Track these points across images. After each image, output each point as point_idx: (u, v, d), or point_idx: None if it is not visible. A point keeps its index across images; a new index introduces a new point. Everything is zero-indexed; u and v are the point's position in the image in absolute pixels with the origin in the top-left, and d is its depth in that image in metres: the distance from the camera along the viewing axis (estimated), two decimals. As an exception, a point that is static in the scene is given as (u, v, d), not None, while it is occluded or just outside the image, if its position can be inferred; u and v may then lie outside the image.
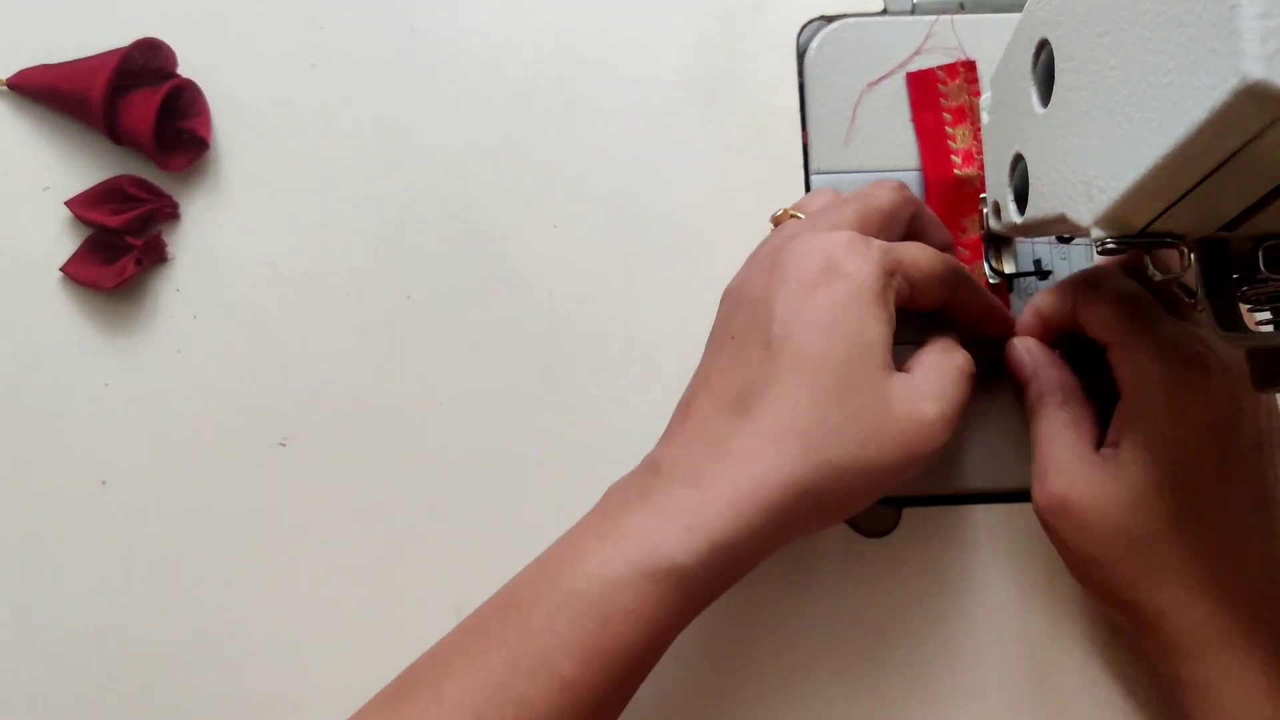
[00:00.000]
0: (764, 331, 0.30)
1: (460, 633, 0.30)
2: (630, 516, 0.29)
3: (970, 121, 0.39)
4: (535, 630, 0.28)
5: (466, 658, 0.28)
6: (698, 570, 0.28)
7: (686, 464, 0.29)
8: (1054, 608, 0.37)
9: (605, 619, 0.28)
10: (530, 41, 0.41)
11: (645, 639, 0.28)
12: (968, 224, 0.39)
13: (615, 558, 0.28)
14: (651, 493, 0.29)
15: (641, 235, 0.40)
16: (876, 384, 0.30)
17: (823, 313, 0.30)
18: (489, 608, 0.30)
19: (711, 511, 0.28)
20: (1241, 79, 0.18)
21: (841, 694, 0.37)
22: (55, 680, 0.37)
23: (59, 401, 0.39)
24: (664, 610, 0.28)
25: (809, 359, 0.29)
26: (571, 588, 0.28)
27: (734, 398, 0.30)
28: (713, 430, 0.30)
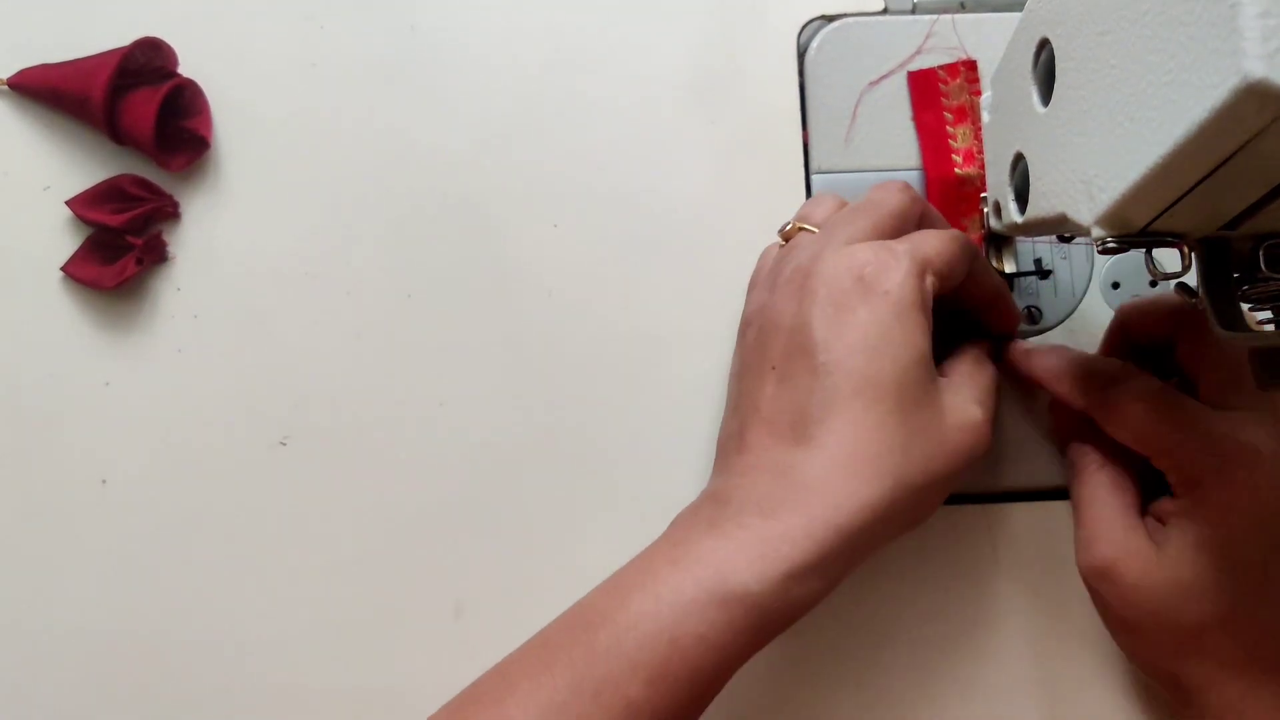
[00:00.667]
0: (809, 358, 0.30)
1: (527, 649, 0.30)
2: (701, 544, 0.29)
3: (971, 121, 0.39)
4: (602, 651, 0.28)
5: (531, 675, 0.28)
6: (770, 598, 0.28)
7: (756, 494, 0.29)
8: (1055, 607, 0.37)
9: (674, 642, 0.27)
10: (530, 41, 0.41)
11: (713, 664, 0.28)
12: (969, 224, 0.39)
13: (686, 582, 0.28)
14: (721, 522, 0.29)
15: (641, 235, 0.40)
16: (931, 396, 0.30)
17: (869, 334, 0.30)
18: (556, 626, 0.30)
19: (787, 542, 0.28)
20: (1242, 78, 0.18)
21: (841, 694, 0.37)
22: (55, 680, 0.37)
23: (59, 401, 0.39)
24: (733, 636, 0.28)
25: (865, 381, 0.29)
26: (640, 610, 0.28)
27: (792, 426, 0.30)
28: (777, 460, 0.30)
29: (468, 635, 0.34)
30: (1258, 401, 0.31)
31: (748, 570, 0.28)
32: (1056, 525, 0.38)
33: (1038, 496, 0.38)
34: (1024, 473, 0.38)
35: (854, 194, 0.39)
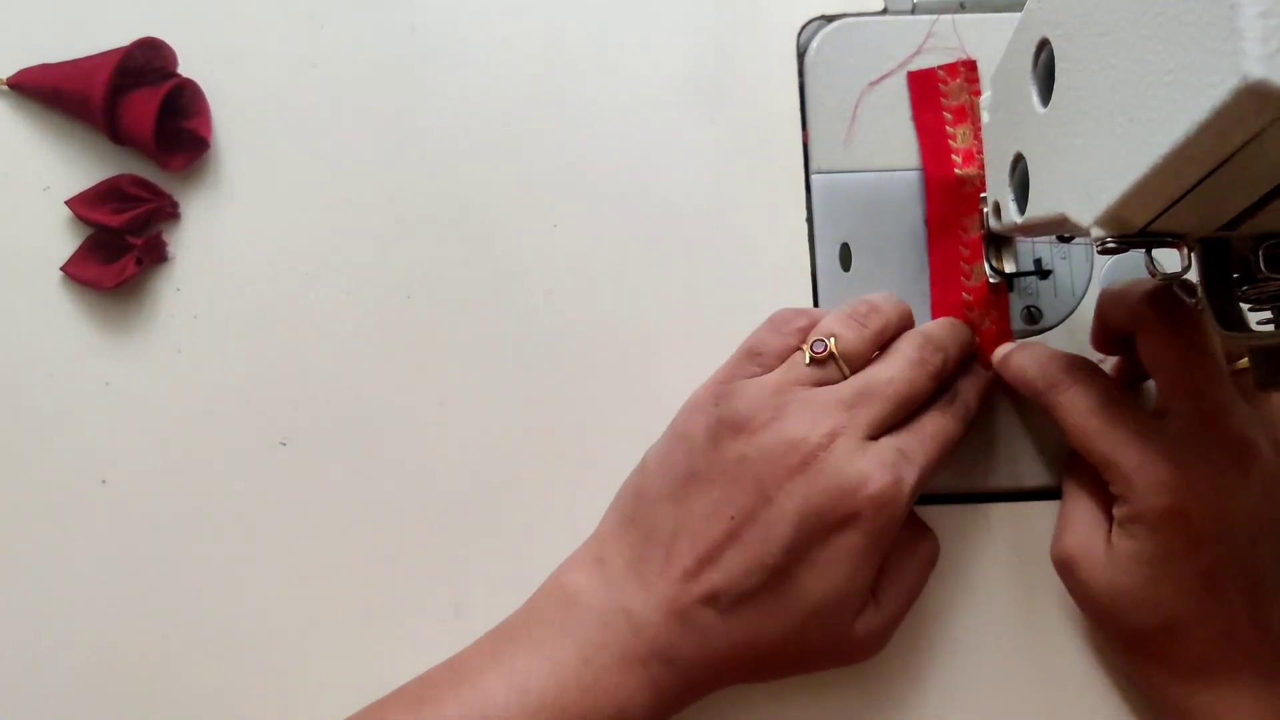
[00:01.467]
0: (767, 546, 0.31)
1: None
2: (609, 676, 0.31)
3: (971, 121, 0.39)
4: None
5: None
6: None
7: (663, 638, 0.32)
8: (1054, 607, 0.37)
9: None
10: (530, 41, 0.41)
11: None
12: (968, 223, 0.39)
13: (591, 715, 0.31)
14: (631, 660, 0.32)
15: (642, 235, 0.40)
16: (843, 628, 0.32)
17: (826, 561, 0.31)
18: (451, 707, 0.31)
19: (674, 687, 0.32)
20: (1242, 79, 0.18)
21: (841, 693, 0.37)
22: (55, 680, 0.37)
23: (59, 401, 0.39)
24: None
25: (794, 595, 0.31)
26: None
27: (716, 591, 0.31)
28: (691, 612, 0.32)
29: (468, 634, 0.34)
30: (1205, 406, 0.31)
31: (643, 714, 0.31)
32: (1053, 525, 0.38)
33: (1037, 497, 0.38)
34: (1023, 473, 0.38)
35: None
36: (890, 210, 0.40)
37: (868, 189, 0.40)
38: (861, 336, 0.34)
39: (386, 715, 0.31)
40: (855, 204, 0.40)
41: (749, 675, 0.33)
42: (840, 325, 0.34)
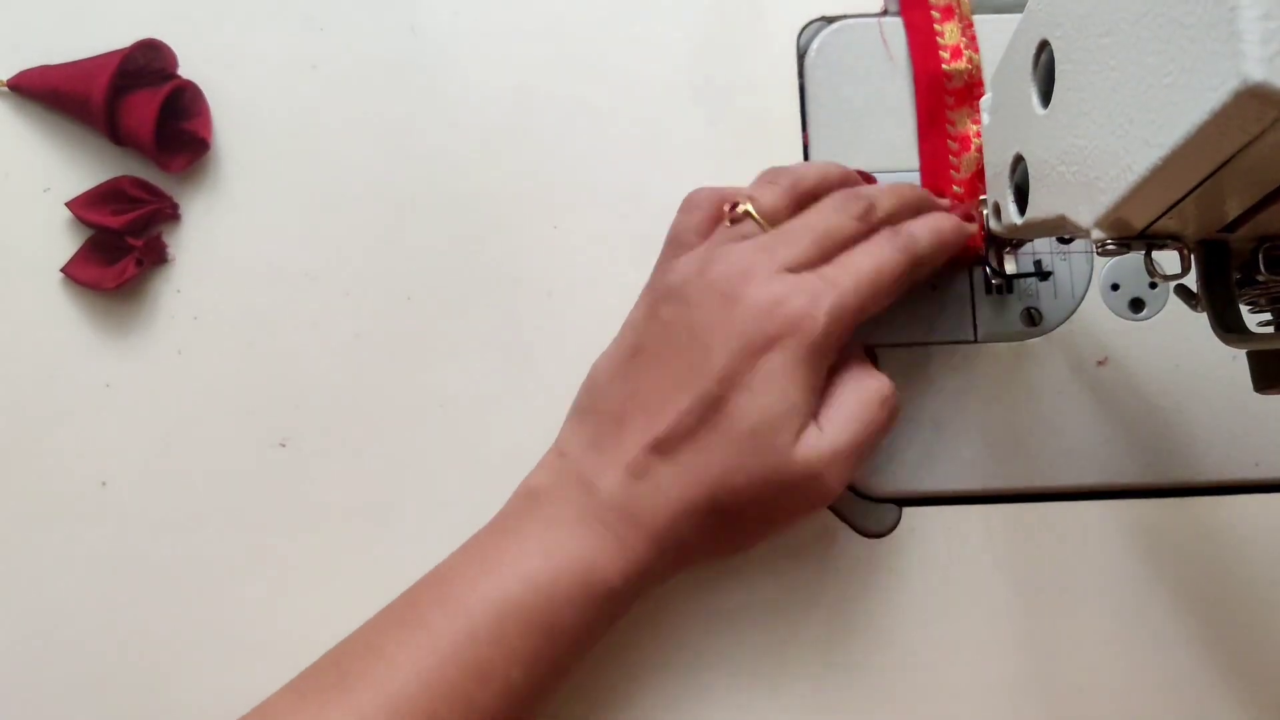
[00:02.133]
0: (702, 380, 0.32)
1: (400, 627, 0.31)
2: (571, 538, 0.32)
3: (958, 19, 0.39)
4: (485, 639, 0.30)
5: (413, 656, 0.30)
6: (627, 592, 0.32)
7: (619, 492, 0.32)
8: (1054, 607, 0.37)
9: (550, 631, 0.31)
10: (530, 42, 0.41)
11: (581, 648, 0.32)
12: (956, 118, 0.39)
13: (561, 577, 0.31)
14: (588, 516, 0.32)
15: (642, 235, 0.40)
16: (782, 451, 0.32)
17: (758, 380, 0.31)
18: (428, 603, 0.32)
19: (640, 543, 0.32)
20: (1242, 80, 0.18)
21: (841, 693, 0.37)
22: (55, 680, 0.37)
23: (59, 401, 0.39)
24: (599, 626, 0.32)
25: (730, 420, 0.32)
26: (521, 600, 0.31)
27: (663, 438, 0.32)
28: (640, 462, 0.32)
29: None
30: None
31: (612, 568, 0.32)
32: (1053, 525, 0.38)
33: (1037, 498, 0.38)
34: (1023, 473, 0.38)
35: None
36: (890, 211, 0.39)
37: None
38: (775, 193, 0.35)
39: (371, 627, 0.32)
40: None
41: (713, 533, 0.33)
42: (753, 189, 0.36)
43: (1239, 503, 0.38)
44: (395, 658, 0.30)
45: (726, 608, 0.37)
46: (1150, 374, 0.38)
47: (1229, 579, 0.37)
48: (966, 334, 0.39)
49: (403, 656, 0.30)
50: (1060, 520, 0.38)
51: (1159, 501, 0.38)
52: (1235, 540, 0.38)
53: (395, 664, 0.30)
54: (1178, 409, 0.38)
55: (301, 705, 0.31)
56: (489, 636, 0.30)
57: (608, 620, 0.33)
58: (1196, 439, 0.38)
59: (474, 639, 0.30)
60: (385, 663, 0.30)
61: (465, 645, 0.30)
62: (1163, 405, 0.38)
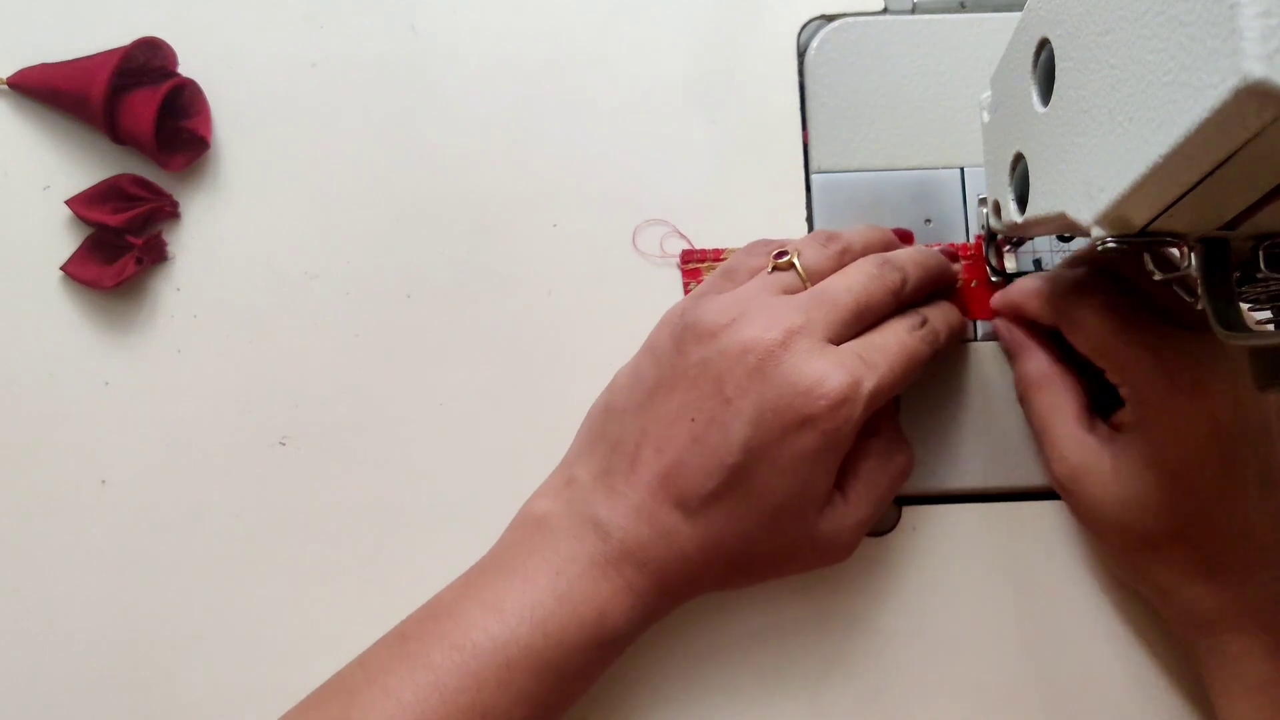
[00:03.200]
0: (727, 447, 0.31)
1: (404, 662, 0.31)
2: (583, 585, 0.32)
3: None
4: (492, 682, 0.30)
5: (419, 696, 0.30)
6: (633, 635, 0.33)
7: (637, 543, 0.32)
8: (1053, 607, 0.37)
9: (558, 675, 0.31)
10: (530, 41, 0.41)
11: (584, 690, 0.33)
12: None
13: (571, 624, 0.31)
14: (600, 562, 0.32)
15: (642, 235, 0.40)
16: (805, 524, 0.32)
17: (787, 460, 0.31)
18: (433, 639, 0.31)
19: (650, 591, 0.32)
20: (1242, 78, 0.18)
21: (841, 693, 0.37)
22: (55, 679, 0.37)
23: (59, 401, 0.39)
24: (602, 668, 0.33)
25: (757, 494, 0.32)
26: (530, 644, 0.31)
27: (682, 495, 0.32)
28: (660, 516, 0.32)
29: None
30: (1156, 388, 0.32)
31: (622, 616, 0.32)
32: (1054, 525, 0.38)
33: (1037, 497, 0.38)
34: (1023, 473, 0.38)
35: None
36: (890, 210, 0.40)
37: (868, 189, 0.40)
38: (824, 253, 0.35)
39: (372, 656, 0.32)
40: (855, 204, 0.40)
41: (724, 579, 0.33)
42: (804, 243, 0.35)
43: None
44: (400, 695, 0.30)
45: (725, 606, 0.37)
46: (1150, 373, 0.38)
47: (1229, 577, 0.37)
48: (966, 333, 0.39)
49: (408, 695, 0.30)
50: (1059, 519, 0.38)
51: (1159, 500, 0.38)
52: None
53: (401, 703, 0.30)
54: (1177, 408, 0.38)
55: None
56: (496, 679, 0.30)
57: (612, 660, 0.33)
58: (1196, 438, 0.38)
59: (480, 681, 0.30)
60: (390, 700, 0.30)
61: (471, 688, 0.30)
62: (1162, 404, 0.38)
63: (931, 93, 0.40)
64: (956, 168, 0.40)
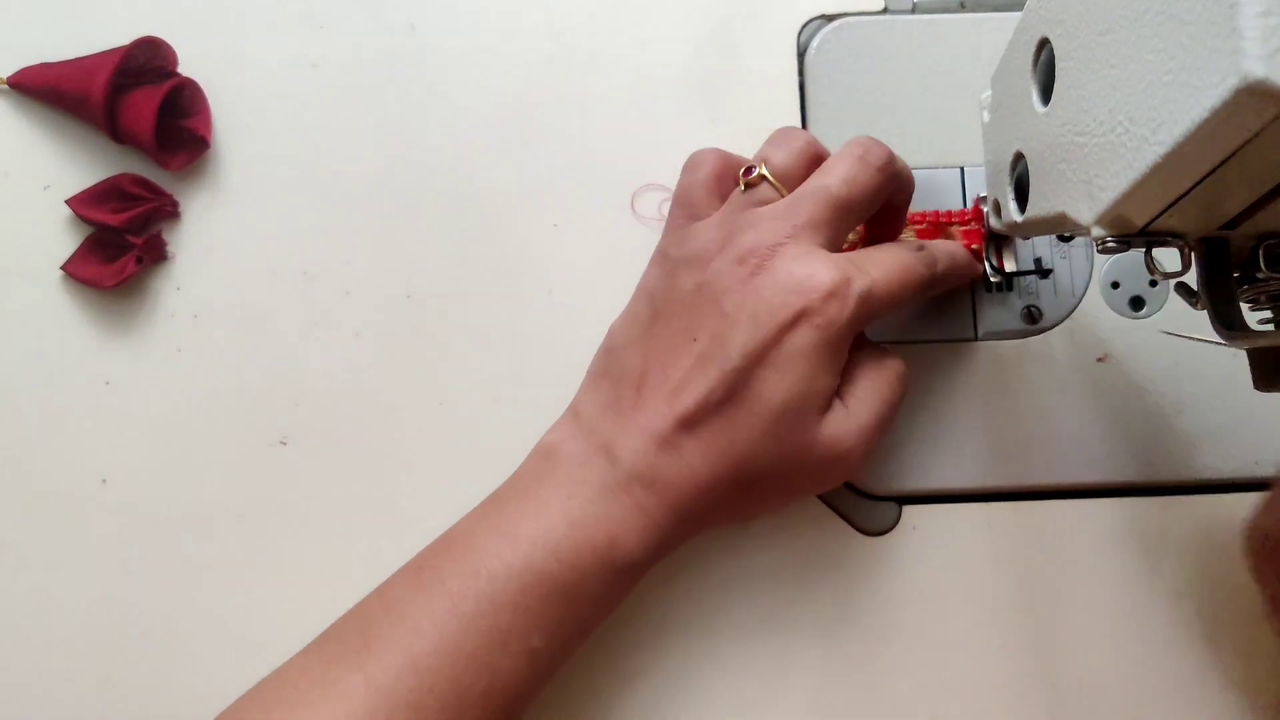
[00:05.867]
0: (725, 353, 0.32)
1: (420, 590, 0.31)
2: (595, 509, 0.32)
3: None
4: (509, 607, 0.30)
5: (436, 622, 0.30)
6: (647, 562, 0.33)
7: (644, 464, 0.32)
8: (1053, 607, 0.37)
9: (572, 600, 0.31)
10: (530, 40, 0.41)
11: (601, 616, 0.33)
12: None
13: (584, 547, 0.31)
14: (614, 486, 0.32)
15: (642, 235, 0.40)
16: (809, 430, 0.32)
17: (784, 359, 0.31)
18: (450, 568, 0.31)
19: (661, 514, 0.32)
20: (1242, 78, 0.18)
21: (841, 692, 0.37)
22: (55, 679, 0.37)
23: (59, 401, 0.39)
24: (618, 595, 0.33)
25: (757, 398, 0.31)
26: (544, 569, 0.31)
27: (687, 412, 0.32)
28: (668, 435, 0.32)
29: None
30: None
31: (634, 539, 0.32)
32: (1053, 523, 0.38)
33: (1037, 496, 0.38)
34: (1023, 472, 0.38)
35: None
36: (890, 210, 0.39)
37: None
38: (789, 152, 0.34)
39: (389, 587, 0.32)
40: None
41: (733, 501, 0.33)
42: (766, 149, 0.35)
43: (1238, 501, 0.38)
44: (419, 623, 0.30)
45: (725, 606, 0.37)
46: (1150, 372, 0.38)
47: (1229, 577, 0.37)
48: (967, 332, 0.39)
49: (426, 622, 0.30)
50: (1060, 518, 0.38)
51: (1158, 500, 0.38)
52: (1234, 538, 0.38)
53: (419, 630, 0.30)
54: (1177, 407, 0.38)
55: (324, 670, 0.30)
56: (512, 604, 0.30)
57: (628, 587, 0.33)
58: (1196, 437, 0.38)
59: (497, 606, 0.30)
60: (408, 628, 0.30)
61: (489, 612, 0.30)
62: (1162, 403, 0.38)
63: (931, 93, 0.40)
64: (956, 168, 0.40)
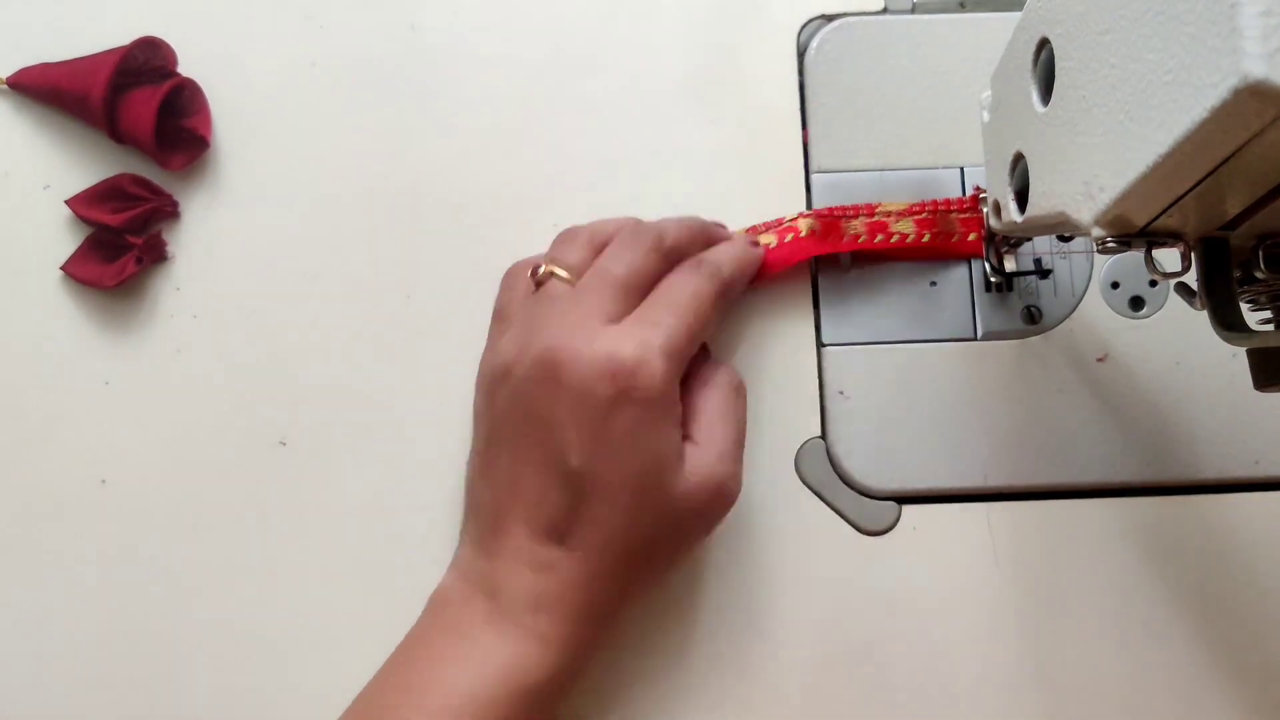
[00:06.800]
0: (562, 461, 0.31)
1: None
2: (484, 642, 0.32)
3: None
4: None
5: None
6: (553, 684, 0.32)
7: (521, 591, 0.32)
8: (1053, 607, 0.37)
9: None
10: (530, 41, 0.41)
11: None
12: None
13: (485, 680, 0.31)
14: (498, 619, 0.32)
15: (642, 234, 0.40)
16: (674, 487, 0.32)
17: (619, 441, 0.31)
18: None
19: (557, 631, 0.32)
20: (1242, 78, 0.18)
21: (840, 693, 0.37)
22: (55, 679, 0.37)
23: (59, 401, 0.39)
24: (549, 713, 0.32)
25: (610, 486, 0.31)
26: (446, 705, 0.30)
27: (548, 527, 0.32)
28: (537, 556, 0.32)
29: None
30: None
31: (535, 664, 0.31)
32: (1052, 523, 0.38)
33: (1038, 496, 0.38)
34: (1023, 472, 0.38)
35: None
36: (890, 210, 0.39)
37: (868, 189, 0.40)
38: (574, 249, 0.35)
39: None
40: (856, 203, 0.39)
41: (630, 584, 0.33)
42: (553, 249, 0.36)
43: (1239, 500, 0.38)
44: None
45: (724, 605, 0.37)
46: (1150, 372, 0.38)
47: (1229, 577, 0.37)
48: (967, 332, 0.39)
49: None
50: (1059, 518, 0.38)
51: (1158, 499, 0.38)
52: (1235, 538, 0.38)
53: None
54: (1178, 407, 0.38)
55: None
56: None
57: (550, 708, 0.32)
58: (1196, 437, 0.38)
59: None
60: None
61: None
62: (1163, 403, 0.38)
63: (931, 93, 0.40)
64: (956, 168, 0.40)
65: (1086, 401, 0.38)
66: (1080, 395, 0.38)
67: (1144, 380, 0.38)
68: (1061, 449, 0.38)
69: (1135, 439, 0.38)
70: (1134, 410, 0.38)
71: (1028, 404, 0.38)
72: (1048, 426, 0.38)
